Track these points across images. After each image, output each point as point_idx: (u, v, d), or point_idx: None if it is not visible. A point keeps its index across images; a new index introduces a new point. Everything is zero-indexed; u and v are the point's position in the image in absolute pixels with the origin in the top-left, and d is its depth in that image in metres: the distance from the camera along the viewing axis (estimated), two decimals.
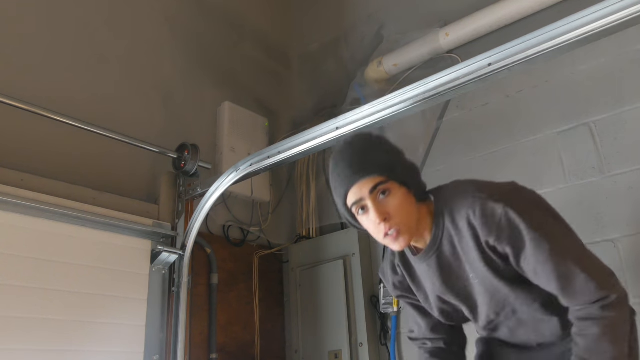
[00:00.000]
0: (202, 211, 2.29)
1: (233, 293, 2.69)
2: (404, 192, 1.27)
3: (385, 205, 1.25)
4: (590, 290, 1.16)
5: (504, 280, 1.28)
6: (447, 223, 1.30)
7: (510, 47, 1.50)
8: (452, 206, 1.29)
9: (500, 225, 1.20)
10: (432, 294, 1.41)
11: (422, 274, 1.41)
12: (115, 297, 2.15)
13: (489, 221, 1.21)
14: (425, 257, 1.35)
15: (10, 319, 1.84)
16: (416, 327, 1.56)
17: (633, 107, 2.11)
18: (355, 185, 1.26)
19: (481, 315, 1.38)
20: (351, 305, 2.59)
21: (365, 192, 1.25)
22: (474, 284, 1.33)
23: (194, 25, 3.00)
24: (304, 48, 3.42)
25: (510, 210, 1.21)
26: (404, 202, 1.27)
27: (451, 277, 1.35)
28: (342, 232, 2.79)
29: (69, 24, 2.41)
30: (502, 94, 2.46)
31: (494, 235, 1.22)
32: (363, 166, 1.26)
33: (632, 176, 2.05)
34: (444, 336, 1.52)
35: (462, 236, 1.28)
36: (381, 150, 1.31)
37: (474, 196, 1.25)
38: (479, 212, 1.22)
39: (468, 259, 1.30)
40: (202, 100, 2.91)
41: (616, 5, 1.34)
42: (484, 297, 1.33)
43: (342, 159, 1.29)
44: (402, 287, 1.51)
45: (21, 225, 1.94)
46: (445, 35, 2.61)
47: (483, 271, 1.28)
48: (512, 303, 1.31)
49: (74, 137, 2.22)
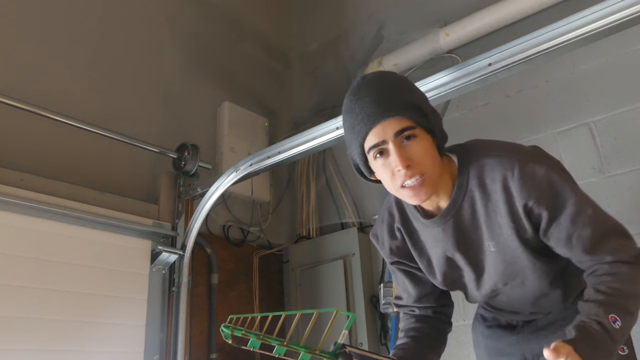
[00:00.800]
0: (202, 211, 2.29)
1: (233, 293, 2.70)
2: (430, 141, 1.15)
3: (409, 151, 1.12)
4: (624, 247, 1.15)
5: (527, 251, 1.21)
6: (472, 185, 1.20)
7: (510, 47, 1.51)
8: (481, 167, 1.19)
9: (542, 187, 1.14)
10: (440, 258, 1.32)
11: (432, 239, 1.31)
12: (115, 297, 2.15)
13: (528, 183, 1.13)
14: (441, 221, 1.24)
15: (10, 319, 1.84)
16: (405, 294, 1.46)
17: (633, 107, 2.11)
18: (379, 124, 1.11)
19: (486, 283, 1.31)
20: (351, 305, 2.59)
21: (390, 134, 1.11)
22: (489, 253, 1.25)
23: (193, 25, 3.00)
24: (304, 48, 3.43)
25: (552, 171, 1.15)
26: (430, 150, 1.14)
27: (466, 242, 1.26)
28: (342, 232, 2.79)
29: (68, 24, 2.41)
30: (502, 94, 2.46)
31: (534, 197, 1.14)
32: (391, 105, 1.11)
33: (632, 176, 2.05)
34: (433, 305, 1.44)
35: (489, 200, 1.19)
36: (411, 92, 1.17)
37: (510, 157, 1.16)
38: (517, 173, 1.14)
39: (490, 225, 1.21)
40: (202, 100, 2.91)
41: (616, 5, 1.34)
42: (499, 266, 1.26)
43: (367, 94, 1.14)
44: (400, 253, 1.39)
45: (21, 225, 1.94)
46: (445, 35, 2.61)
47: (508, 238, 1.20)
48: (527, 275, 1.26)
49: (74, 137, 2.22)
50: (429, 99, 1.63)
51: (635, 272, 1.13)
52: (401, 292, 1.48)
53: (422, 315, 1.45)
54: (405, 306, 1.48)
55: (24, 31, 2.24)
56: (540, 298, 1.32)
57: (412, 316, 1.46)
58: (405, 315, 1.48)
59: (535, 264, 1.24)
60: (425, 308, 1.45)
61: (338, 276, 2.66)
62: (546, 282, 1.28)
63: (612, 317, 1.06)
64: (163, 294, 2.35)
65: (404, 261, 1.41)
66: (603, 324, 1.05)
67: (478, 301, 1.44)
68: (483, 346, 1.53)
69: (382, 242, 1.41)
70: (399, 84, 1.17)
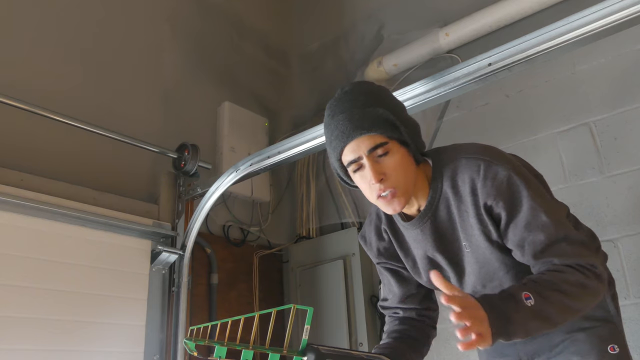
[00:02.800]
0: (202, 211, 2.29)
1: (233, 293, 2.69)
2: (403, 153, 1.20)
3: (382, 165, 1.18)
4: (577, 255, 1.14)
5: (496, 252, 1.24)
6: (446, 187, 1.25)
7: (510, 47, 1.51)
8: (454, 169, 1.23)
9: (502, 187, 1.17)
10: (422, 258, 1.36)
11: (413, 240, 1.35)
12: (115, 297, 2.15)
13: (489, 183, 1.18)
14: (419, 223, 1.29)
15: (10, 319, 1.84)
16: (390, 295, 1.49)
17: (633, 107, 2.11)
18: (353, 141, 1.18)
19: (467, 284, 1.34)
20: (351, 305, 2.59)
21: (363, 150, 1.18)
22: (466, 253, 1.29)
23: (193, 25, 3.00)
24: (304, 48, 3.42)
25: (514, 174, 1.18)
26: (403, 162, 1.20)
27: (444, 242, 1.30)
28: (342, 232, 2.79)
29: (68, 24, 2.41)
30: (502, 94, 2.46)
31: (492, 196, 1.18)
32: (363, 122, 1.16)
33: (632, 176, 2.05)
34: (417, 307, 1.47)
35: (461, 201, 1.23)
36: (384, 105, 1.20)
37: (477, 159, 1.20)
38: (482, 173, 1.18)
39: (463, 225, 1.25)
40: (202, 100, 2.91)
41: (616, 5, 1.34)
42: (474, 266, 1.29)
43: (341, 110, 1.19)
44: (387, 254, 1.44)
45: (21, 225, 1.94)
46: (445, 35, 2.61)
47: (478, 239, 1.24)
48: (502, 277, 1.28)
49: (74, 137, 2.22)
50: (429, 99, 1.66)
51: (578, 277, 1.11)
52: (387, 293, 1.51)
53: (405, 317, 1.48)
54: (390, 308, 1.51)
55: (23, 31, 2.24)
56: None
57: (396, 318, 1.48)
58: (390, 318, 1.51)
59: (507, 265, 1.26)
60: (409, 310, 1.47)
61: (338, 276, 2.65)
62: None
63: (526, 295, 1.06)
64: (163, 294, 2.35)
65: (391, 261, 1.45)
66: (513, 295, 1.06)
67: None
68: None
69: (369, 244, 1.47)
70: (374, 97, 1.21)
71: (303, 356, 1.11)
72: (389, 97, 1.25)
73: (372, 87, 1.25)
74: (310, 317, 1.07)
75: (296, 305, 1.08)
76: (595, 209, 2.09)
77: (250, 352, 1.09)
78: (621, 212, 2.05)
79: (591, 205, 2.10)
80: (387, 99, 1.23)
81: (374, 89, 1.24)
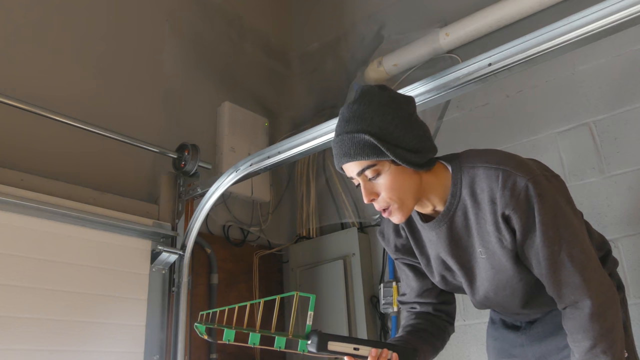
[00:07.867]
0: (202, 211, 2.29)
1: (233, 293, 2.69)
2: (396, 170, 1.22)
3: (374, 185, 1.23)
4: (582, 295, 1.18)
5: (512, 260, 1.25)
6: (464, 194, 1.26)
7: (510, 47, 1.51)
8: (472, 177, 1.25)
9: (520, 198, 1.18)
10: (435, 259, 1.39)
11: (428, 241, 1.39)
12: (115, 297, 2.15)
13: (508, 193, 1.19)
14: (436, 226, 1.32)
15: (10, 319, 1.84)
16: (408, 290, 1.52)
17: (633, 107, 2.11)
18: (344, 165, 1.25)
19: (479, 290, 1.36)
20: (351, 305, 2.59)
21: (353, 173, 1.24)
22: (480, 259, 1.31)
23: (193, 25, 3.00)
24: (304, 48, 3.43)
25: (532, 186, 1.18)
26: (396, 180, 1.22)
27: (459, 248, 1.33)
28: (342, 232, 2.79)
29: (68, 24, 2.41)
30: (502, 94, 2.46)
31: (510, 206, 1.19)
32: (350, 150, 1.21)
33: (632, 176, 2.05)
34: (434, 301, 1.49)
35: (479, 209, 1.25)
36: (372, 127, 1.20)
37: (497, 168, 1.22)
38: (501, 184, 1.19)
39: (480, 232, 1.27)
40: (202, 100, 2.91)
41: (616, 5, 1.34)
42: (489, 272, 1.30)
43: (337, 132, 1.26)
44: (404, 250, 1.47)
45: (21, 225, 1.94)
46: (445, 35, 2.61)
47: (495, 246, 1.25)
48: (515, 286, 1.30)
49: (74, 137, 2.22)
50: (429, 99, 1.66)
51: (602, 324, 1.17)
52: (405, 288, 1.55)
53: (422, 312, 1.51)
54: (407, 302, 1.54)
55: (23, 31, 2.24)
56: (531, 301, 1.35)
57: (413, 313, 1.52)
58: (407, 313, 1.54)
59: (521, 273, 1.28)
60: (426, 304, 1.50)
61: (338, 276, 2.66)
62: (535, 288, 1.31)
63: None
64: (163, 294, 2.35)
65: (408, 257, 1.48)
66: None
67: (477, 307, 1.47)
68: (492, 348, 1.59)
69: (387, 240, 1.50)
70: (363, 120, 1.21)
71: (307, 340, 1.20)
72: (382, 113, 1.22)
73: (367, 105, 1.23)
74: (313, 304, 1.16)
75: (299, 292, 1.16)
76: (595, 209, 2.09)
77: (257, 335, 1.18)
78: (621, 212, 2.05)
79: (591, 205, 2.10)
80: (377, 117, 1.21)
81: (368, 109, 1.22)
